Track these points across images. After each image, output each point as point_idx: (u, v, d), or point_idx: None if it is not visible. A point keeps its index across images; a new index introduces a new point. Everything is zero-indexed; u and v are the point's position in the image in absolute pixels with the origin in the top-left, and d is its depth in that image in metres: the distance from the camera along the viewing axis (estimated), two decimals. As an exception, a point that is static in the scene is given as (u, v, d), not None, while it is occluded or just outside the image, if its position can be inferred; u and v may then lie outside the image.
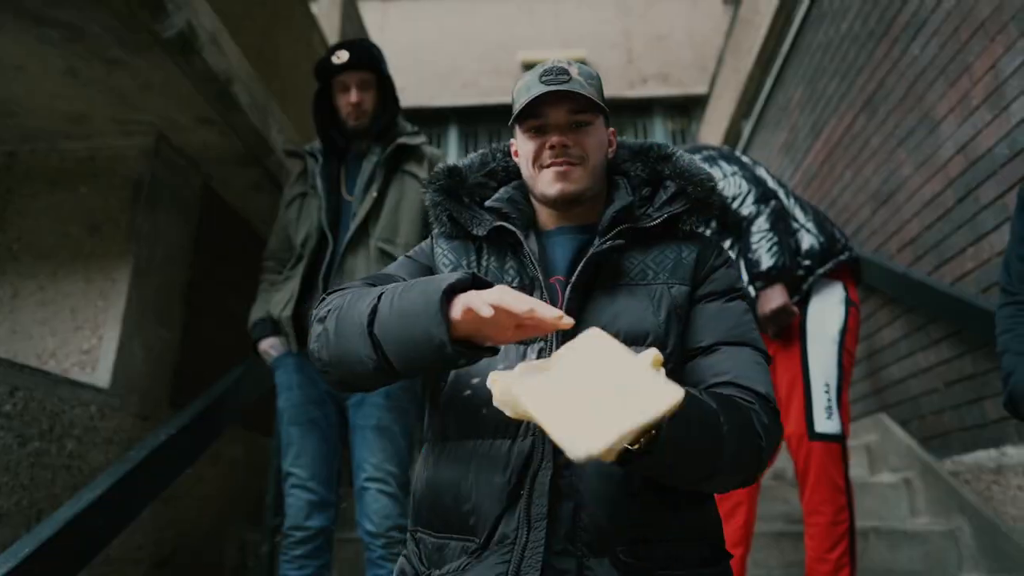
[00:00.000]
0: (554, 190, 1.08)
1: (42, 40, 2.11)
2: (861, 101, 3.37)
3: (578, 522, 0.91)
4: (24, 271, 2.45)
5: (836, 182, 3.67)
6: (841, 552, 1.96)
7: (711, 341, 1.03)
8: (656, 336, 1.01)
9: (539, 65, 1.11)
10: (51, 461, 2.02)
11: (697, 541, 0.98)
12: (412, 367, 0.89)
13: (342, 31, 4.56)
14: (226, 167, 2.83)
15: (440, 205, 1.14)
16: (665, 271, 1.07)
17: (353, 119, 2.15)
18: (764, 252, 2.05)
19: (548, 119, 1.08)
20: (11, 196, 2.55)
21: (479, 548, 0.92)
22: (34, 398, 1.95)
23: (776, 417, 0.99)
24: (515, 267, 1.08)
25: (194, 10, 2.19)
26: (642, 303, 1.03)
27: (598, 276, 1.05)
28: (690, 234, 1.13)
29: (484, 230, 1.09)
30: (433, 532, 0.99)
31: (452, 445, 1.01)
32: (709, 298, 1.08)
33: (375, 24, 7.11)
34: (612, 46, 6.90)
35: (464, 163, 1.20)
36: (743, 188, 2.16)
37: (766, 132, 4.81)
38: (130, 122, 2.50)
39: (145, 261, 2.48)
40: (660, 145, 1.20)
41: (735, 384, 0.99)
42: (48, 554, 1.45)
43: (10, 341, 2.38)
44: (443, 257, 1.13)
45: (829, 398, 2.03)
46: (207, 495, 2.77)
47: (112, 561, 2.23)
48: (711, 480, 0.90)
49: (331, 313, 0.97)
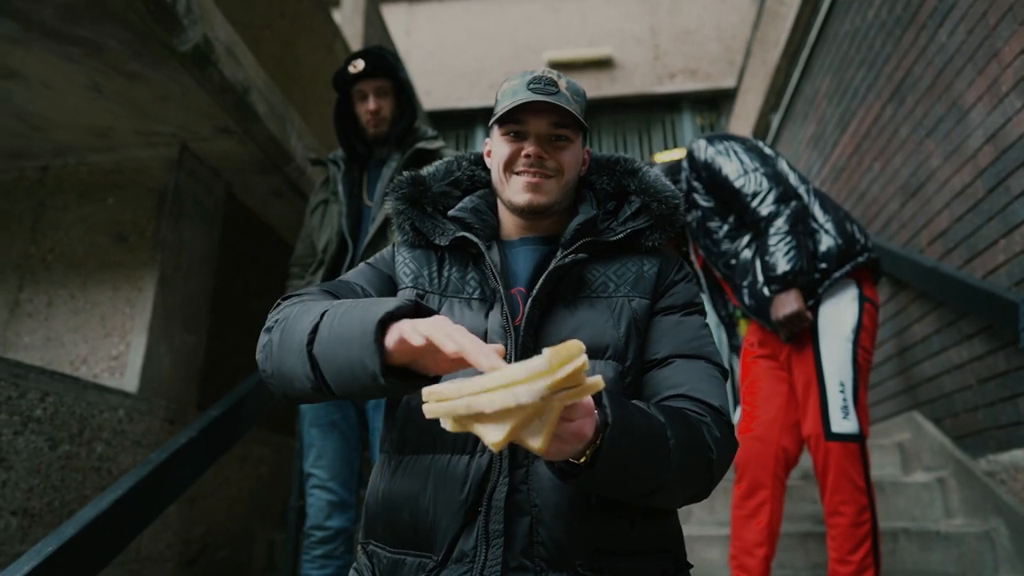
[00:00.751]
0: (523, 199, 1.07)
1: (65, 57, 2.19)
2: (889, 91, 3.28)
3: (535, 537, 0.90)
4: (57, 280, 2.54)
5: (864, 174, 3.57)
6: (864, 553, 1.92)
7: (666, 353, 1.03)
8: (616, 349, 1.00)
9: (528, 71, 1.10)
10: (81, 464, 2.09)
11: (657, 553, 0.97)
12: (349, 393, 0.86)
13: (365, 36, 4.62)
14: (247, 175, 2.89)
15: (403, 214, 1.13)
16: (627, 284, 1.07)
17: (372, 126, 2.19)
18: (781, 256, 2.01)
19: (529, 127, 1.07)
20: (43, 209, 2.65)
21: (437, 566, 0.90)
22: (63, 403, 2.02)
23: (729, 430, 0.98)
24: (476, 278, 1.07)
25: (209, 23, 2.24)
26: (603, 316, 1.03)
27: (560, 288, 1.04)
28: (652, 249, 1.13)
29: (447, 240, 1.09)
30: (388, 547, 0.97)
31: (410, 459, 0.99)
32: (667, 311, 1.08)
33: (401, 28, 7.17)
34: (639, 42, 6.83)
35: (428, 172, 1.19)
36: (764, 186, 2.12)
37: (794, 125, 4.71)
38: (152, 133, 2.58)
39: (170, 269, 2.55)
40: (627, 159, 1.19)
41: (688, 396, 0.98)
42: (71, 553, 1.50)
43: (45, 348, 2.47)
44: (404, 266, 1.12)
45: (844, 397, 1.98)
46: (234, 496, 2.84)
47: (142, 559, 2.30)
48: (658, 494, 0.88)
49: (278, 324, 0.94)
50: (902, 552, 2.54)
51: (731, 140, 2.28)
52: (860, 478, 1.95)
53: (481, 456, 0.93)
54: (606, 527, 0.92)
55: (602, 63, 6.73)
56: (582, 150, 1.15)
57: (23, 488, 1.90)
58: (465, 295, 1.06)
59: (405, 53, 6.99)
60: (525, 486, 0.92)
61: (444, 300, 1.06)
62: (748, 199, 2.12)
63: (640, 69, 6.72)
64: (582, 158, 1.15)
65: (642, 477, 0.85)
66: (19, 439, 1.88)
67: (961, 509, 2.70)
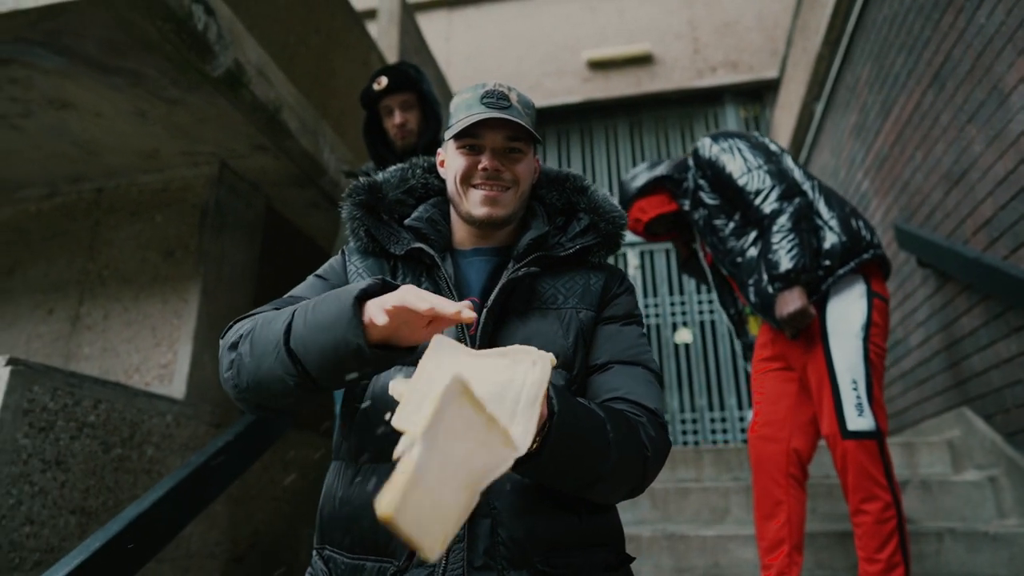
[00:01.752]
0: (482, 212, 1.11)
1: (111, 87, 2.35)
2: (928, 76, 3.17)
3: (496, 538, 0.94)
4: (112, 295, 2.72)
5: (907, 164, 3.46)
6: (892, 551, 1.89)
7: (606, 359, 1.09)
8: (565, 357, 1.05)
9: (480, 85, 1.13)
10: (132, 466, 2.24)
11: (603, 547, 1.03)
12: (334, 377, 0.88)
13: (400, 47, 4.72)
14: (284, 188, 3.02)
15: (359, 220, 1.15)
16: (575, 296, 1.12)
17: (400, 138, 2.28)
18: (784, 253, 2.01)
19: (485, 140, 1.10)
20: (99, 228, 2.84)
21: (398, 571, 0.94)
22: (115, 409, 2.17)
23: (663, 431, 1.03)
24: (430, 287, 1.09)
25: (240, 47, 2.36)
26: (552, 326, 1.07)
27: (512, 299, 1.08)
28: (598, 264, 1.18)
29: (402, 249, 1.12)
30: (346, 552, 0.99)
31: (369, 467, 1.01)
32: (609, 321, 1.13)
33: (440, 34, 7.29)
34: (678, 37, 6.75)
35: (384, 178, 1.21)
36: (767, 183, 2.11)
37: (836, 114, 4.58)
38: (195, 153, 2.73)
39: (213, 281, 2.69)
40: (576, 177, 1.23)
41: (625, 399, 1.04)
42: (115, 549, 1.62)
43: (102, 358, 2.65)
44: (357, 275, 1.14)
45: (858, 395, 1.96)
46: (279, 497, 2.97)
47: (192, 555, 2.45)
48: (597, 486, 0.93)
49: (243, 339, 0.97)
50: (947, 553, 2.46)
51: (736, 137, 2.28)
52: (881, 475, 1.92)
53: None
54: (559, 524, 0.97)
55: (641, 60, 6.68)
56: (534, 160, 1.19)
57: (80, 489, 2.05)
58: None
59: (445, 59, 7.10)
60: (485, 491, 0.96)
61: None
62: (751, 197, 2.12)
63: (680, 64, 6.64)
64: (534, 168, 1.19)
65: (584, 466, 0.89)
66: (75, 443, 2.03)
67: (1015, 509, 2.60)
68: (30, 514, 1.89)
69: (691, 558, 2.69)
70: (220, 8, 2.30)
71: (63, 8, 2.03)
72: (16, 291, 2.87)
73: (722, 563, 2.65)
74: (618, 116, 6.72)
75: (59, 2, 2.01)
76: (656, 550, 2.73)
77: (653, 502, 3.09)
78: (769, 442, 2.16)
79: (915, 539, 2.50)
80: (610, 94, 6.64)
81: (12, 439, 1.85)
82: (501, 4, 7.33)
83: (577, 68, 6.86)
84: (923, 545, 2.50)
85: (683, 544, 2.71)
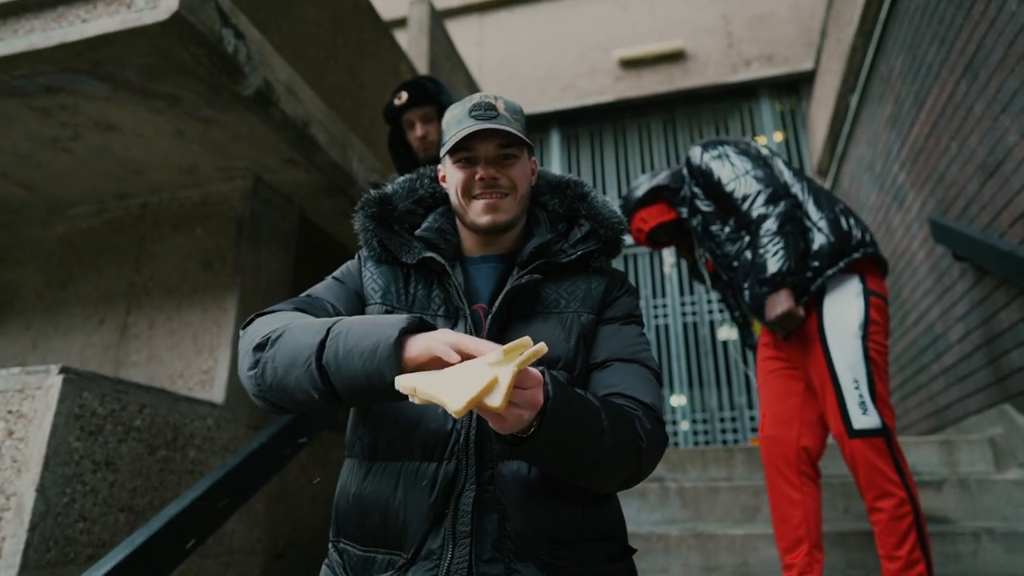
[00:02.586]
0: (485, 220, 1.15)
1: (151, 110, 2.49)
2: (961, 66, 3.10)
3: (504, 532, 0.99)
4: (156, 305, 2.87)
5: (942, 155, 3.38)
6: (911, 547, 1.88)
7: (605, 357, 1.13)
8: (567, 360, 1.09)
9: (468, 99, 1.18)
10: (176, 467, 2.37)
11: (605, 539, 1.06)
12: (359, 400, 0.95)
13: (431, 54, 4.82)
14: (315, 199, 3.14)
15: (371, 231, 1.19)
16: (576, 300, 1.16)
17: (423, 150, 2.36)
18: (770, 256, 2.04)
19: (478, 152, 1.15)
20: (144, 242, 3.00)
21: (406, 563, 0.98)
22: (159, 413, 2.31)
23: (660, 426, 1.06)
24: (441, 295, 1.15)
25: (269, 67, 2.47)
26: (555, 330, 1.11)
27: (516, 304, 1.13)
28: (599, 268, 1.21)
29: (413, 259, 1.16)
30: (359, 545, 1.04)
31: (381, 464, 1.06)
32: (609, 322, 1.17)
33: (473, 39, 7.38)
34: (710, 32, 6.68)
35: (393, 189, 1.27)
36: (753, 188, 2.15)
37: (871, 106, 4.49)
38: (230, 168, 2.86)
39: (249, 291, 2.82)
40: (576, 183, 1.27)
41: (622, 395, 1.07)
42: (156, 544, 1.74)
43: (149, 365, 2.80)
44: (372, 281, 1.18)
45: (860, 393, 1.96)
46: (317, 496, 3.09)
47: (234, 551, 2.57)
48: (591, 472, 0.96)
49: (270, 343, 0.99)
50: (985, 554, 2.41)
51: (725, 144, 2.31)
52: (892, 471, 1.92)
53: (448, 463, 1.01)
54: (563, 518, 1.01)
55: (674, 56, 6.64)
56: (530, 162, 1.23)
57: (128, 488, 2.18)
58: (431, 311, 1.14)
59: (478, 64, 7.18)
60: (492, 486, 1.01)
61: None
62: (740, 202, 2.16)
63: (713, 59, 6.58)
64: (531, 170, 1.23)
65: (578, 450, 0.93)
66: (123, 446, 2.17)
67: (1059, 509, 2.53)
68: (83, 511, 2.03)
69: (720, 557, 2.70)
70: (249, 31, 2.42)
71: (105, 39, 2.17)
72: (70, 303, 3.06)
73: (751, 562, 2.65)
74: (652, 114, 6.70)
75: (101, 34, 2.15)
76: (684, 549, 2.75)
77: (683, 501, 3.09)
78: (778, 442, 2.18)
79: (951, 539, 2.46)
80: (643, 92, 6.62)
81: (66, 442, 1.99)
82: (532, 6, 7.38)
83: (609, 67, 6.86)
84: (960, 545, 2.46)
85: (712, 543, 2.72)
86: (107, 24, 2.16)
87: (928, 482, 2.80)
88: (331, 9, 3.31)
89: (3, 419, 2.00)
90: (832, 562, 2.51)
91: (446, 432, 1.03)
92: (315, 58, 3.11)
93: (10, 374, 2.04)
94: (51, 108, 2.53)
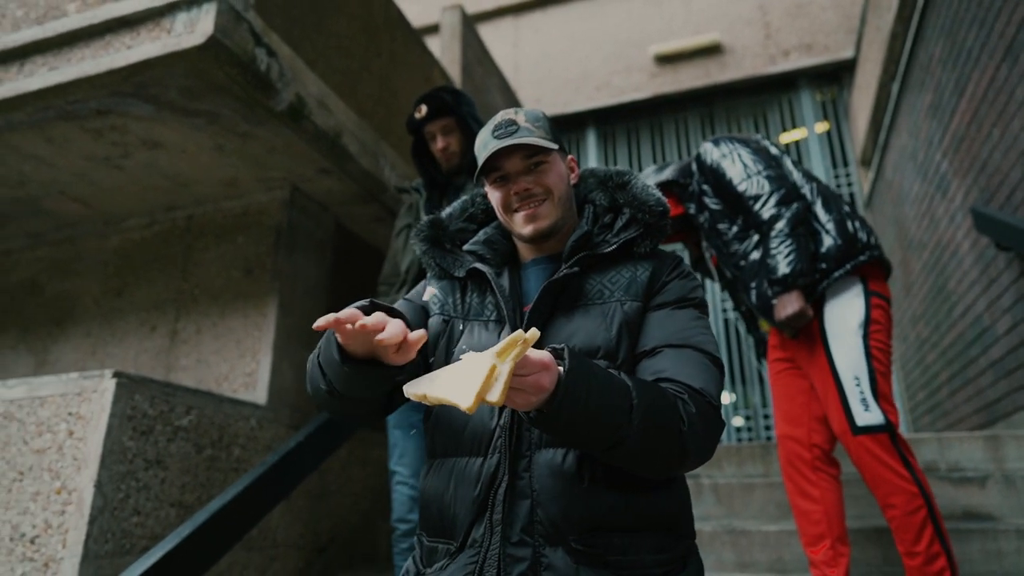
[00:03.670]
0: (528, 230, 1.21)
1: (192, 127, 2.63)
2: (1002, 49, 3.01)
3: (535, 517, 1.03)
4: (202, 311, 3.03)
5: (984, 142, 3.28)
6: (928, 541, 1.86)
7: (655, 344, 1.11)
8: (607, 349, 1.10)
9: (491, 120, 1.23)
10: (222, 465, 2.50)
11: (651, 528, 1.05)
12: (346, 387, 1.02)
13: (463, 60, 4.90)
14: (350, 206, 3.25)
15: (426, 253, 1.30)
16: (620, 289, 1.16)
17: (445, 161, 2.43)
18: (781, 258, 2.03)
19: (507, 169, 1.20)
20: (191, 251, 3.16)
21: (456, 551, 1.06)
22: (205, 414, 2.44)
23: (710, 410, 1.04)
24: (493, 301, 1.21)
25: (301, 82, 2.59)
26: (595, 321, 1.13)
27: (561, 300, 1.16)
28: (647, 254, 1.22)
29: (463, 272, 1.24)
30: (428, 536, 1.13)
31: (439, 461, 1.15)
32: (659, 307, 1.16)
33: (508, 41, 7.44)
34: (747, 24, 6.58)
35: (447, 212, 1.36)
36: (765, 189, 2.14)
37: (912, 94, 4.38)
38: (268, 179, 3.00)
39: (288, 296, 2.95)
40: (618, 173, 1.29)
41: (670, 379, 1.05)
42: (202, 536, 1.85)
43: (197, 369, 2.96)
44: (433, 296, 1.28)
45: (862, 390, 1.96)
46: (358, 493, 3.20)
47: (278, 545, 2.70)
48: (620, 450, 0.95)
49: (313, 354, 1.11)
50: (1026, 553, 2.35)
51: (736, 142, 2.30)
52: (899, 466, 1.91)
53: (491, 458, 1.07)
54: (599, 507, 1.03)
55: (710, 50, 6.56)
56: (564, 162, 1.27)
57: (177, 485, 2.32)
58: (484, 317, 1.20)
59: (513, 64, 7.24)
60: (527, 473, 1.05)
61: (467, 323, 1.22)
62: (751, 202, 2.15)
63: (751, 51, 6.48)
64: (567, 169, 1.27)
65: (600, 426, 0.93)
66: (172, 445, 2.31)
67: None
68: (136, 506, 2.17)
69: (753, 553, 2.69)
70: (281, 48, 2.53)
71: (147, 64, 2.31)
72: (125, 310, 3.25)
73: (785, 558, 2.64)
74: (688, 110, 6.63)
75: (143, 59, 2.29)
76: (718, 545, 2.75)
77: (717, 497, 3.09)
78: (791, 440, 2.20)
79: (993, 536, 2.41)
80: (679, 88, 6.56)
81: (119, 441, 2.13)
82: (566, 6, 7.40)
83: (644, 64, 6.82)
84: (1002, 543, 2.40)
85: (745, 539, 2.72)
86: (149, 49, 2.30)
87: (971, 478, 2.73)
88: (363, 21, 3.42)
89: (64, 420, 2.15)
90: (869, 558, 2.48)
91: (490, 429, 1.09)
92: (348, 69, 3.22)
93: (69, 379, 2.19)
94: (102, 129, 2.70)
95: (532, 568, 1.00)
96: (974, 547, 2.41)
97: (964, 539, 2.41)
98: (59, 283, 3.53)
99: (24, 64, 2.54)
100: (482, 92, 5.14)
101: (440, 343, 1.21)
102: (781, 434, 2.25)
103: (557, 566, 1.00)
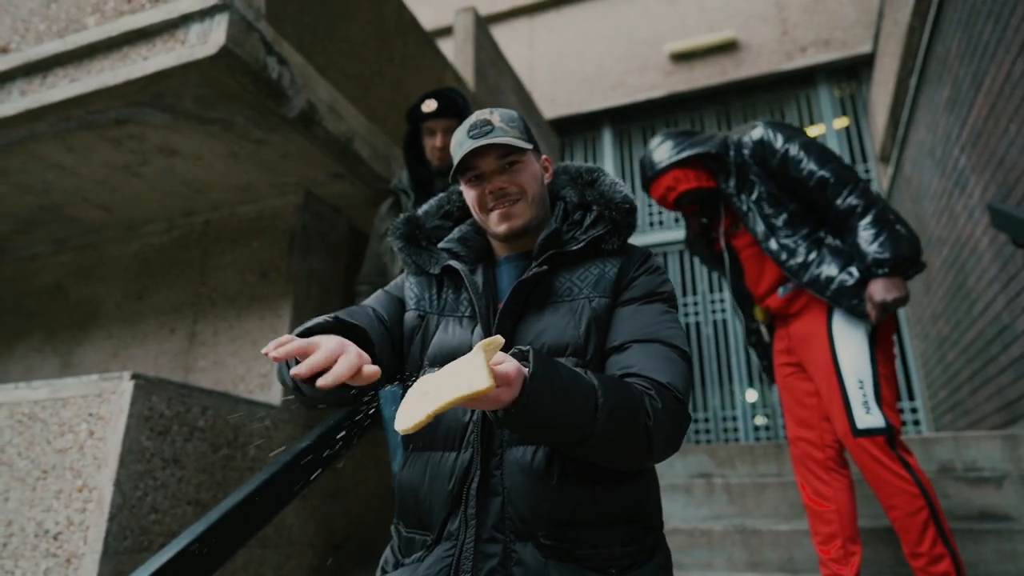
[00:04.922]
0: (502, 229, 1.23)
1: (207, 134, 2.69)
2: (1018, 43, 2.96)
3: (505, 514, 1.06)
4: (219, 314, 3.09)
5: (1001, 138, 3.24)
6: (931, 542, 1.86)
7: (623, 340, 1.14)
8: (576, 346, 1.12)
9: (466, 120, 1.25)
10: (237, 464, 2.56)
11: (619, 521, 1.08)
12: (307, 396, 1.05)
13: (476, 62, 4.93)
14: (363, 209, 3.30)
15: (402, 250, 1.32)
16: (588, 286, 1.18)
17: (438, 159, 2.46)
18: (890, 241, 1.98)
19: (481, 168, 1.22)
20: (207, 255, 3.23)
21: (433, 543, 1.09)
22: (220, 415, 2.50)
23: (676, 404, 1.05)
24: (468, 297, 1.24)
25: (312, 89, 2.64)
26: (564, 318, 1.15)
27: (531, 298, 1.19)
28: (616, 250, 1.23)
29: (437, 269, 1.27)
30: (405, 527, 1.17)
31: (415, 455, 1.18)
32: (627, 303, 1.18)
33: (524, 41, 7.46)
34: (763, 20, 6.53)
35: (423, 210, 1.39)
36: (851, 176, 2.10)
37: (930, 88, 4.32)
38: (282, 184, 3.05)
39: (302, 298, 3.00)
40: (588, 170, 1.31)
41: (636, 374, 1.07)
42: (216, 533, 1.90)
43: (214, 370, 3.02)
44: (409, 291, 1.31)
45: (864, 394, 1.96)
46: (372, 492, 3.25)
47: (294, 543, 2.75)
48: (588, 445, 0.97)
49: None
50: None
51: (796, 129, 2.26)
52: (899, 467, 1.91)
53: (464, 453, 1.11)
54: (568, 503, 1.06)
55: (726, 47, 6.52)
56: (538, 163, 1.29)
57: (194, 484, 2.38)
58: (458, 314, 1.23)
59: (528, 64, 7.26)
60: (498, 471, 1.08)
61: (442, 319, 1.25)
62: (834, 187, 2.07)
63: (767, 47, 6.43)
64: (541, 168, 1.30)
65: (566, 423, 0.95)
66: (188, 444, 2.37)
67: None
68: (154, 504, 2.23)
69: (765, 552, 2.69)
70: (292, 56, 2.59)
71: (163, 75, 2.38)
72: (145, 313, 3.33)
73: (796, 558, 2.63)
74: (704, 108, 6.60)
75: (159, 70, 2.36)
76: (728, 544, 2.75)
77: (730, 497, 3.09)
78: (803, 442, 2.20)
79: (1009, 536, 2.38)
80: (695, 86, 6.53)
81: (138, 441, 2.19)
82: (580, 5, 7.40)
83: (659, 62, 6.80)
84: (1018, 543, 2.38)
85: (756, 539, 2.72)
86: (165, 60, 2.37)
87: (987, 478, 2.71)
88: (375, 26, 3.47)
89: (85, 420, 2.22)
90: (881, 558, 2.47)
91: (463, 424, 1.12)
92: (359, 75, 3.27)
93: (90, 380, 2.26)
94: (121, 138, 2.78)
95: (503, 563, 1.03)
96: (989, 548, 2.38)
97: (979, 540, 2.39)
98: (83, 287, 3.63)
99: (47, 76, 2.63)
100: (496, 93, 5.16)
101: (416, 338, 1.25)
102: (793, 436, 2.25)
103: (527, 561, 1.03)
